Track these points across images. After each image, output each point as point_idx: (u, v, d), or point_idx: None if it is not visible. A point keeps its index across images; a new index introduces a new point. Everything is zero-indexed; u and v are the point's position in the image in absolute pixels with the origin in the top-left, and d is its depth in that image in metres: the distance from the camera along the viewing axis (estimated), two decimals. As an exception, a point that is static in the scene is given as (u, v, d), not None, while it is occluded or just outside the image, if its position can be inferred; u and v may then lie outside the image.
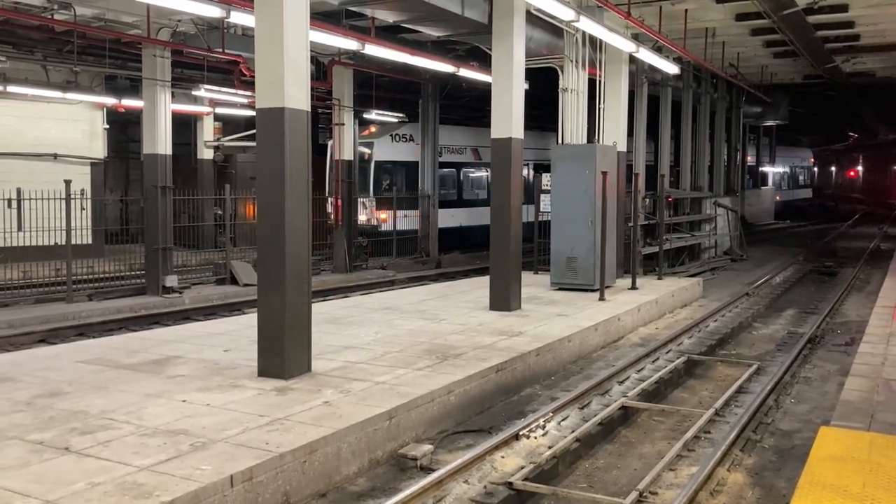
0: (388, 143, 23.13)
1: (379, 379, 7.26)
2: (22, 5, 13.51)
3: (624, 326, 11.59)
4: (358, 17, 13.80)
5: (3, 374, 7.48)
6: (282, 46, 7.06)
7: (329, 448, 5.64)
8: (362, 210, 22.12)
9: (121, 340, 9.54)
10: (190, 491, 4.58)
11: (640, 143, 19.23)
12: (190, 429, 5.73)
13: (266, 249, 7.34)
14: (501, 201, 11.35)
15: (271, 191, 7.25)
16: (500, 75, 11.25)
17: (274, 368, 7.28)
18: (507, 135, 11.20)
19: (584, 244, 13.20)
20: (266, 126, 7.25)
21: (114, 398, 6.59)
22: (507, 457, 6.24)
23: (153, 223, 15.41)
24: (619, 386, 8.51)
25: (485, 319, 10.62)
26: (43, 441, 5.47)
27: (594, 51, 14.20)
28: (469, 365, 7.88)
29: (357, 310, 11.62)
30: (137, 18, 14.43)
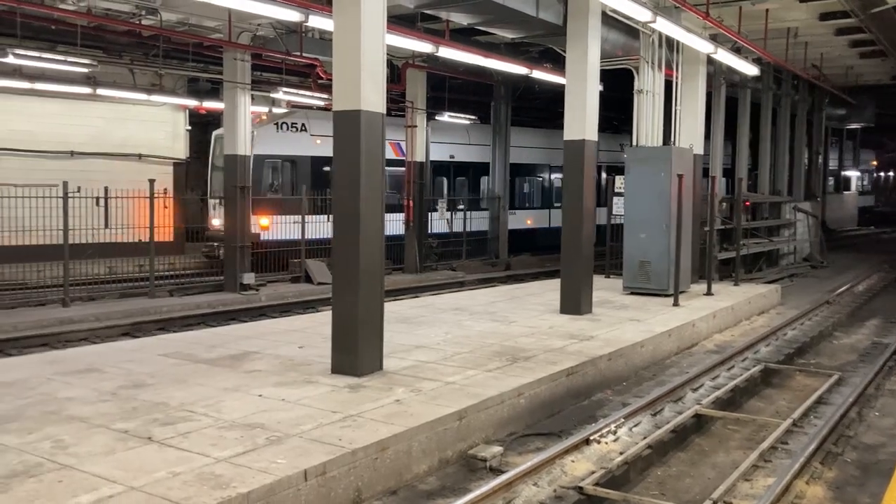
0: (273, 134, 19.02)
1: (449, 379, 7.30)
2: (112, 11, 14.09)
3: (698, 333, 11.35)
4: (432, 19, 13.91)
5: (90, 364, 7.81)
6: (359, 50, 7.17)
7: (400, 446, 5.70)
8: (216, 215, 18.56)
9: (200, 335, 9.85)
10: (265, 484, 4.70)
11: (718, 146, 18.81)
12: (266, 423, 5.88)
13: (341, 249, 7.47)
14: (574, 204, 11.27)
15: (347, 191, 7.37)
16: (575, 77, 11.17)
17: (347, 366, 7.40)
18: (580, 137, 11.12)
19: (658, 248, 12.98)
20: (343, 128, 7.37)
21: (193, 391, 6.81)
22: (577, 461, 6.20)
23: (232, 222, 15.85)
24: (692, 393, 8.35)
25: (555, 322, 10.55)
26: (127, 430, 5.69)
27: (671, 52, 13.96)
28: (539, 368, 7.85)
29: (427, 310, 11.70)
30: (219, 23, 14.87)
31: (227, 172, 16.00)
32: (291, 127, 19.18)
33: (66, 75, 16.43)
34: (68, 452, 5.18)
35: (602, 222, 16.16)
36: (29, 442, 5.39)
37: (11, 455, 5.12)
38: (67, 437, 5.51)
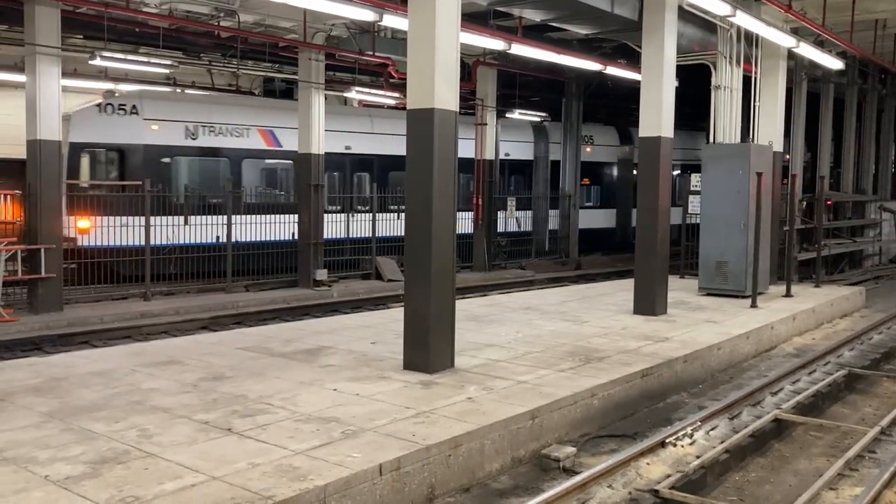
0: (94, 118, 15.88)
1: (521, 378, 7.27)
2: (192, 13, 14.51)
3: (777, 335, 11.02)
4: (504, 17, 13.88)
5: (172, 357, 8.07)
6: (433, 48, 7.19)
7: (473, 444, 5.70)
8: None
9: (275, 330, 10.05)
10: (342, 477, 4.77)
11: (798, 143, 18.24)
12: (341, 417, 5.96)
13: (414, 246, 7.51)
14: (649, 202, 11.08)
15: (420, 189, 7.40)
16: (650, 72, 10.98)
17: (419, 362, 7.44)
18: (655, 133, 10.92)
19: (736, 248, 12.65)
20: (416, 126, 7.41)
21: (270, 384, 6.96)
22: (652, 464, 6.09)
23: (305, 219, 16.14)
24: (772, 397, 8.10)
25: (628, 323, 10.40)
26: (208, 421, 5.85)
27: (749, 46, 13.58)
28: (613, 369, 7.74)
29: (497, 308, 11.68)
30: (294, 23, 15.15)
31: (301, 170, 16.28)
32: (119, 109, 15.96)
33: (147, 76, 17.01)
34: (153, 441, 5.36)
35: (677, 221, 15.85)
36: (116, 430, 5.59)
37: (101, 442, 5.32)
38: (152, 426, 5.70)
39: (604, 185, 25.84)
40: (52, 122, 12.42)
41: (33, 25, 12.12)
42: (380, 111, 20.54)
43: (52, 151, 12.48)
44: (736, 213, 12.64)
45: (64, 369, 7.49)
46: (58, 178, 12.72)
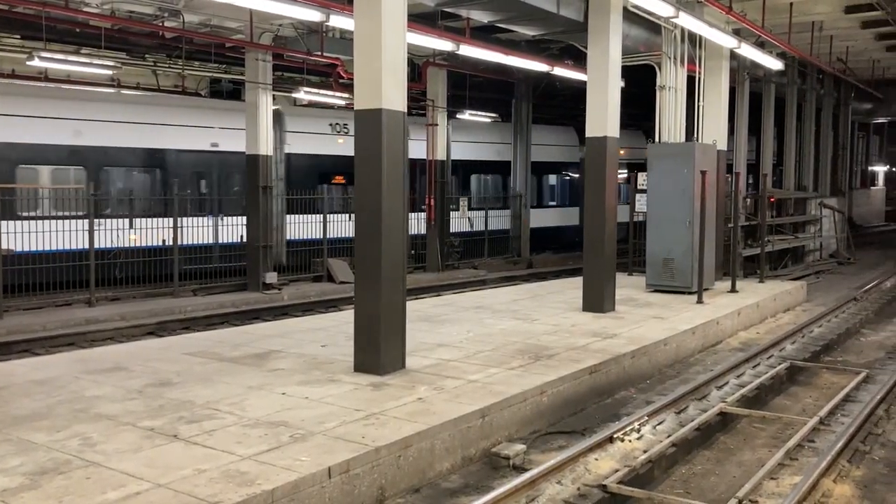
0: None
1: (472, 377, 7.30)
2: (135, 14, 14.22)
3: (723, 330, 11.26)
4: (453, 17, 13.92)
5: (117, 363, 7.90)
6: (380, 49, 7.18)
7: (423, 444, 5.71)
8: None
9: (224, 334, 9.92)
10: (290, 481, 4.73)
11: (742, 142, 18.65)
12: (290, 421, 5.91)
13: (364, 247, 7.49)
14: (596, 201, 11.22)
15: (368, 190, 7.39)
16: (596, 73, 11.12)
17: (370, 364, 7.42)
18: (602, 133, 11.06)
19: (682, 245, 12.88)
20: (364, 127, 7.39)
21: (218, 389, 6.86)
22: (600, 459, 6.17)
23: (254, 222, 15.96)
24: (717, 391, 8.28)
25: (578, 320, 10.52)
26: (154, 428, 5.75)
27: (693, 47, 13.86)
28: (562, 366, 7.82)
29: (449, 308, 11.71)
30: (241, 24, 14.96)
31: (249, 172, 16.09)
32: None
33: (90, 77, 16.63)
34: (96, 450, 5.25)
35: (624, 219, 16.07)
36: (58, 439, 5.46)
37: (41, 452, 5.19)
38: (95, 434, 5.58)
39: (565, 184, 26.03)
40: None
41: (-33, 25, 11.78)
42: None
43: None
44: (681, 210, 12.87)
45: (3, 378, 7.28)
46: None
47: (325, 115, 19.67)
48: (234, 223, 17.03)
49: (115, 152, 16.15)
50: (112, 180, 16.39)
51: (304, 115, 19.46)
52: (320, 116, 19.60)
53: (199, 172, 17.60)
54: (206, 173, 17.75)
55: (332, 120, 19.46)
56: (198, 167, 17.49)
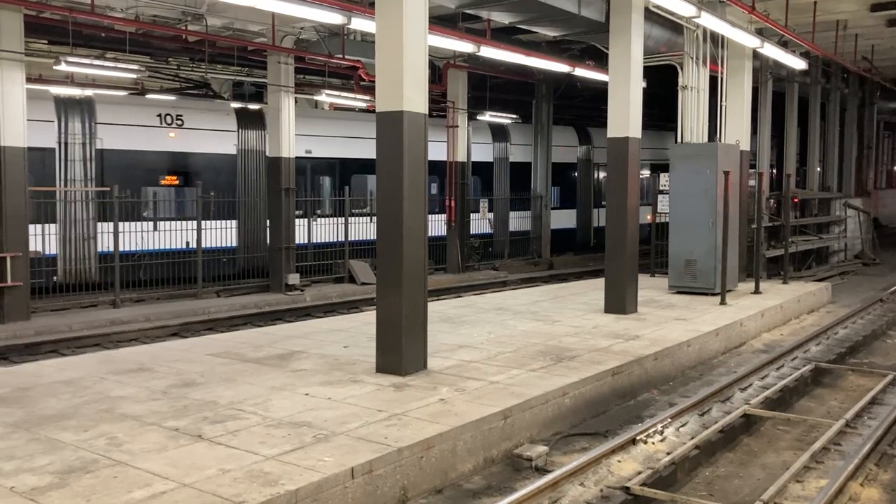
0: None
1: (493, 378, 7.30)
2: (159, 18, 14.38)
3: (746, 332, 11.17)
4: (473, 19, 13.92)
5: (142, 364, 7.99)
6: (401, 51, 7.21)
7: (445, 445, 5.72)
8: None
9: (247, 335, 9.99)
10: (313, 481, 4.76)
11: (765, 142, 18.50)
12: (312, 421, 5.95)
13: (385, 249, 7.52)
14: (618, 202, 11.18)
15: (390, 192, 7.42)
16: (617, 74, 11.08)
17: (391, 365, 7.45)
18: (623, 134, 11.02)
19: (705, 246, 12.80)
20: (385, 129, 7.42)
21: (241, 390, 6.92)
22: (623, 461, 6.15)
23: (277, 224, 16.06)
24: (741, 393, 8.21)
25: (599, 322, 10.48)
26: (178, 428, 5.80)
27: (715, 47, 13.77)
28: (584, 367, 7.80)
29: (470, 310, 11.71)
30: (263, 27, 15.07)
31: (271, 174, 16.20)
32: None
33: (115, 81, 16.83)
34: (122, 449, 5.31)
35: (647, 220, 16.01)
36: (85, 439, 5.53)
37: (68, 451, 5.26)
38: (121, 434, 5.64)
39: (565, 185, 25.77)
40: (17, 128, 12.25)
41: (-5, 30, 11.95)
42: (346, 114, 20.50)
43: (17, 158, 12.30)
44: (704, 211, 12.79)
45: (31, 378, 7.38)
46: (23, 185, 12.53)
47: (153, 105, 16.64)
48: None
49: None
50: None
51: (124, 105, 16.30)
52: (146, 105, 16.48)
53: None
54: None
55: (160, 110, 16.44)
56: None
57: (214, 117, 17.22)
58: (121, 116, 15.90)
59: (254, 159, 17.65)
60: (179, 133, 16.49)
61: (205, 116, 17.05)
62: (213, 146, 16.94)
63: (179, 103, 17.03)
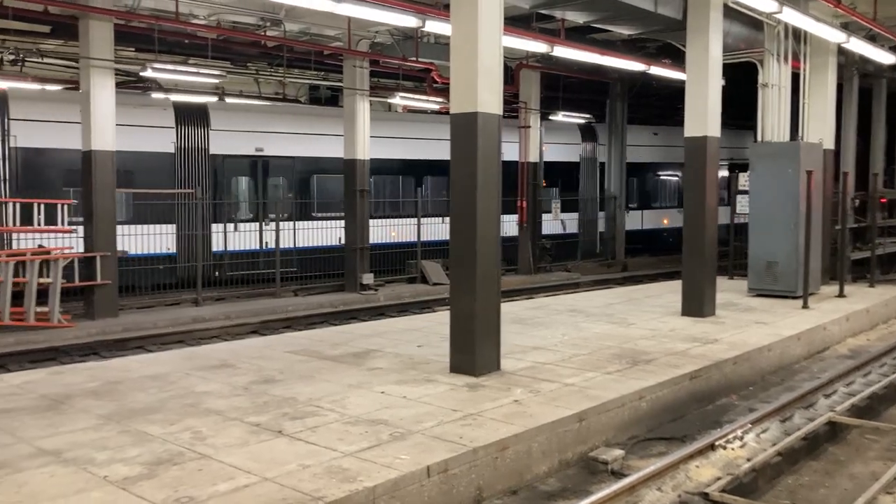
0: None
1: (568, 381, 7.26)
2: (239, 24, 14.79)
3: (830, 337, 10.80)
4: (547, 19, 13.85)
5: (224, 360, 8.24)
6: (476, 53, 7.24)
7: (520, 446, 5.72)
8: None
9: (324, 333, 10.19)
10: (390, 479, 4.83)
11: (850, 141, 17.83)
12: (389, 419, 6.03)
13: (459, 249, 7.56)
14: (696, 202, 10.96)
15: (464, 193, 7.45)
16: (695, 72, 10.86)
17: (465, 365, 7.48)
18: (701, 133, 10.80)
19: (786, 248, 12.43)
20: (460, 130, 7.46)
21: (319, 387, 7.06)
22: (702, 467, 6.03)
23: (352, 224, 16.31)
24: (825, 399, 7.95)
25: (676, 325, 10.29)
26: (259, 423, 5.97)
27: (798, 43, 13.35)
28: (661, 371, 7.68)
29: (542, 311, 11.66)
30: (339, 31, 15.34)
31: (347, 176, 16.46)
32: None
33: (197, 86, 17.37)
34: (206, 443, 5.49)
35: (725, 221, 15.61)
36: (171, 432, 5.74)
37: (156, 444, 5.47)
38: (205, 428, 5.84)
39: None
40: (107, 133, 12.78)
41: (87, 40, 12.50)
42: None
43: (106, 162, 12.84)
44: (786, 212, 12.42)
45: (120, 373, 7.70)
46: (112, 187, 13.05)
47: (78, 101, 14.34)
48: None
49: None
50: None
51: (46, 100, 14.92)
52: (70, 101, 14.36)
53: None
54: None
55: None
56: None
57: (149, 113, 15.87)
58: (41, 112, 14.71)
59: (196, 158, 16.39)
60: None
61: (139, 112, 15.62)
62: (147, 144, 15.65)
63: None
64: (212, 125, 16.55)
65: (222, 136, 16.72)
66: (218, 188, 16.59)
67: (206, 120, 16.55)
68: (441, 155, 17.54)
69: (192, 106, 16.46)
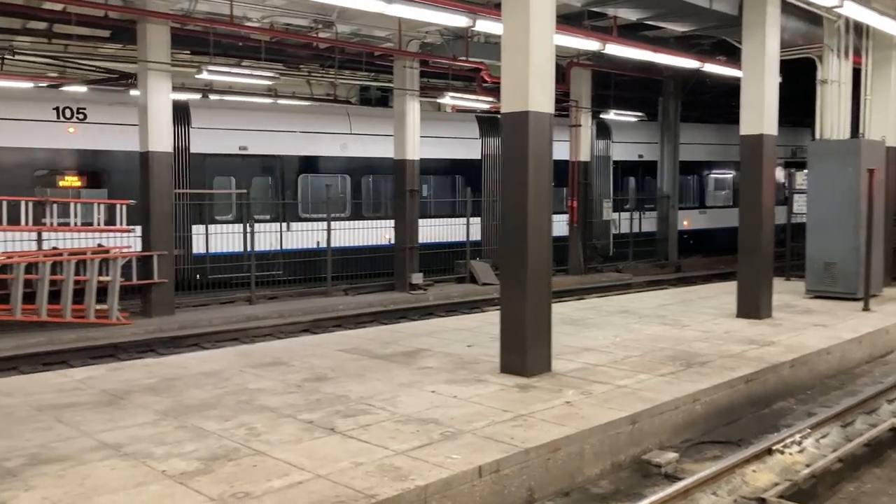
0: None
1: (620, 382, 7.18)
2: (292, 26, 14.98)
3: (893, 340, 10.47)
4: (599, 17, 13.73)
5: (277, 358, 8.35)
6: (527, 51, 7.20)
7: (572, 448, 5.67)
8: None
9: (374, 332, 10.26)
10: (442, 478, 4.83)
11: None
12: (439, 418, 6.04)
13: (509, 249, 7.53)
14: (752, 202, 10.75)
15: (515, 192, 7.42)
16: (751, 69, 10.65)
17: (515, 366, 7.45)
18: (757, 131, 10.58)
19: (845, 248, 12.09)
20: (511, 130, 7.44)
21: (370, 385, 7.11)
22: (758, 471, 5.90)
23: (401, 224, 16.39)
24: (888, 405, 7.71)
25: (731, 327, 10.10)
26: (312, 421, 6.03)
27: (859, 38, 12.97)
28: (715, 373, 7.54)
29: (594, 312, 11.56)
30: (389, 32, 15.43)
31: (397, 176, 16.54)
32: None
33: (250, 88, 17.67)
34: (260, 439, 5.57)
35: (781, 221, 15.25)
36: (226, 428, 5.84)
37: (212, 440, 5.57)
38: (259, 425, 5.92)
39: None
40: (163, 134, 13.07)
41: (145, 43, 12.80)
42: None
43: (164, 162, 13.12)
44: (845, 211, 12.09)
45: (176, 370, 7.86)
46: (169, 188, 13.34)
47: (48, 98, 14.78)
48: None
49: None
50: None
51: (7, 99, 14.46)
52: (40, 100, 14.66)
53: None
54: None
55: (57, 103, 14.60)
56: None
57: (123, 111, 15.04)
58: (4, 110, 14.19)
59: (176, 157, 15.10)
60: (80, 128, 14.72)
61: (112, 110, 15.10)
62: (122, 143, 14.83)
63: (85, 95, 15.15)
64: (192, 123, 15.89)
65: (204, 134, 16.02)
66: (198, 188, 15.80)
67: (186, 118, 15.82)
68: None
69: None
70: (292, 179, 17.20)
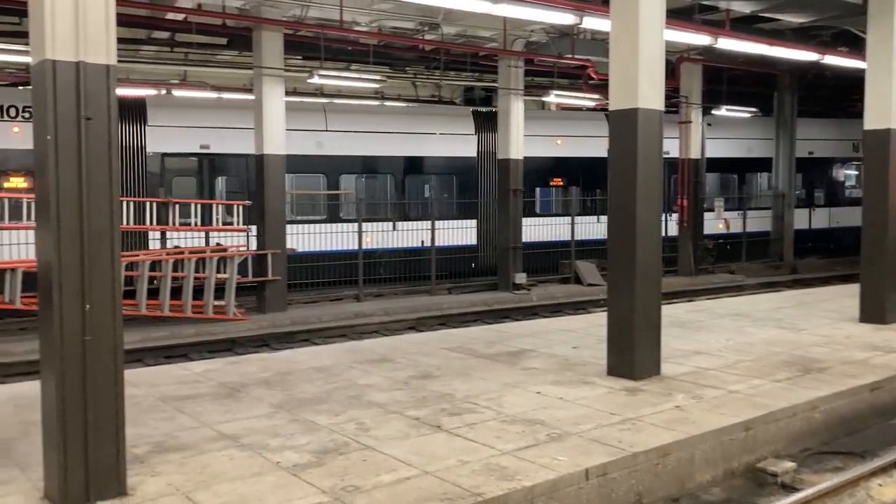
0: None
1: (732, 387, 6.94)
2: (399, 29, 15.22)
3: None
4: (710, 10, 13.31)
5: (384, 355, 8.51)
6: (637, 47, 7.08)
7: (682, 453, 5.53)
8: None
9: (478, 332, 10.30)
10: (548, 479, 4.81)
11: None
12: (545, 419, 6.01)
13: (617, 250, 7.42)
14: (877, 200, 10.17)
15: (623, 191, 7.30)
16: (877, 60, 10.07)
17: (623, 368, 7.33)
18: (885, 126, 10.00)
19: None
20: (619, 127, 7.32)
21: (475, 384, 7.15)
22: (885, 485, 5.59)
23: (505, 224, 16.38)
24: None
25: (853, 332, 9.59)
26: (419, 418, 6.12)
27: None
28: (836, 380, 7.18)
29: (704, 314, 11.21)
30: (494, 32, 15.43)
31: (501, 176, 16.54)
32: None
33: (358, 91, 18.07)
34: (369, 435, 5.69)
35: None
36: (336, 423, 6.00)
37: (323, 433, 5.74)
38: (368, 420, 6.05)
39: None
40: (278, 137, 13.54)
41: (260, 50, 13.29)
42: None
43: (277, 165, 13.60)
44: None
45: (289, 364, 8.14)
46: (282, 189, 13.81)
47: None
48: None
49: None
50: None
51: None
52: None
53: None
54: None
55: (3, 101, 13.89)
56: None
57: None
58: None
59: (129, 156, 14.80)
60: (26, 127, 13.39)
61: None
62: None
63: (25, 94, 13.93)
64: (149, 121, 15.00)
65: (161, 132, 15.09)
66: (154, 189, 14.96)
67: (143, 115, 14.97)
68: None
69: (126, 100, 14.57)
70: (400, 181, 17.65)
